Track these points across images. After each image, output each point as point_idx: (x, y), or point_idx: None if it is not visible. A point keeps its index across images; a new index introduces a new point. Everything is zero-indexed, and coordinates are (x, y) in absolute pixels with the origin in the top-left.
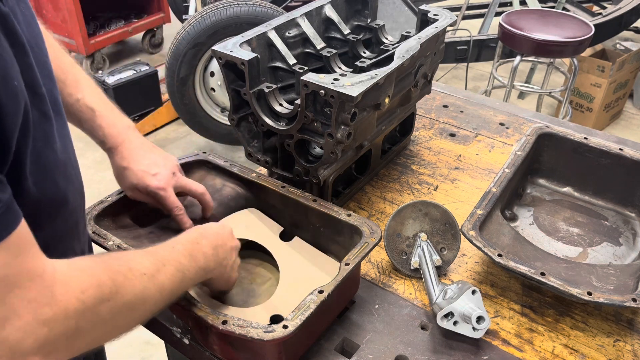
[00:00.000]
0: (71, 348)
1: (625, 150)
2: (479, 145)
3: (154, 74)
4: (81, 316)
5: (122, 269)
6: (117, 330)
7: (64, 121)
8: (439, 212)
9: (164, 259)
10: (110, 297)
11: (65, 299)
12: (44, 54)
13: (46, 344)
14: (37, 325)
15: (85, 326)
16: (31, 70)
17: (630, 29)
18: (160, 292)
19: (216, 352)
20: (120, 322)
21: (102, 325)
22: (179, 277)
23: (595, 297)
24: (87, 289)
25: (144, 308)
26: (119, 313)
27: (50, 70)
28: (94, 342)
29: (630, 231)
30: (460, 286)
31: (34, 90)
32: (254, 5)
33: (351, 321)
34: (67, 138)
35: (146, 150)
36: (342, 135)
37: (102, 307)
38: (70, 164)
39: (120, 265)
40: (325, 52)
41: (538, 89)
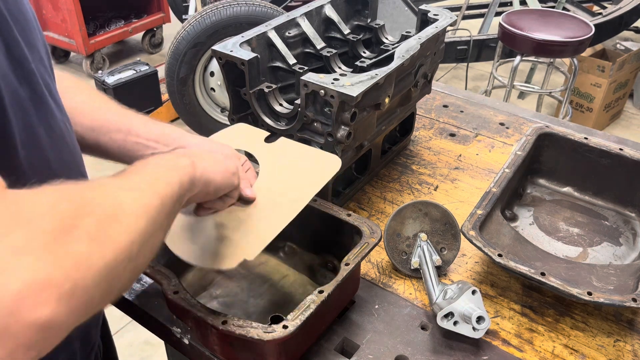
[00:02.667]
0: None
1: (625, 150)
2: (479, 145)
3: (154, 74)
4: (66, 235)
5: (90, 184)
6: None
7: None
8: (439, 212)
9: (123, 173)
10: (88, 209)
11: (36, 218)
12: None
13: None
14: (11, 255)
15: (80, 248)
16: (18, 46)
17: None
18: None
19: (216, 352)
20: (113, 238)
21: (98, 245)
22: (151, 188)
23: (595, 297)
24: (56, 203)
25: (128, 217)
26: (106, 225)
27: (43, 57)
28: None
29: (630, 231)
30: (460, 286)
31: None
32: (254, 5)
33: (351, 321)
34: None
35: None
36: (342, 135)
37: (85, 221)
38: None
39: (87, 182)
40: (325, 52)
41: (538, 89)
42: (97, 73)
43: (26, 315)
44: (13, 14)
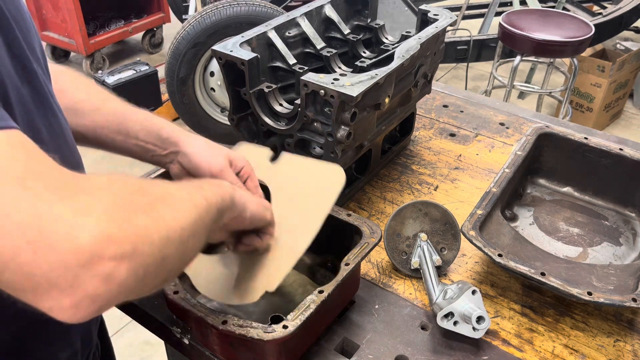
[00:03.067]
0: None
1: (625, 150)
2: (479, 145)
3: (154, 74)
4: (122, 205)
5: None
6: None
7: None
8: (439, 212)
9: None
10: (141, 191)
11: (94, 189)
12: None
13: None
14: (78, 213)
15: (134, 218)
16: (18, 45)
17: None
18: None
19: (216, 352)
20: (166, 216)
21: (154, 219)
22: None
23: (595, 297)
24: (113, 182)
25: (179, 205)
26: (158, 203)
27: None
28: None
29: (630, 231)
30: (460, 286)
31: (24, 65)
32: (254, 5)
33: (351, 321)
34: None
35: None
36: (342, 135)
37: (138, 196)
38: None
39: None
40: (325, 52)
41: (538, 89)
42: (97, 73)
43: (93, 266)
44: (12, 14)
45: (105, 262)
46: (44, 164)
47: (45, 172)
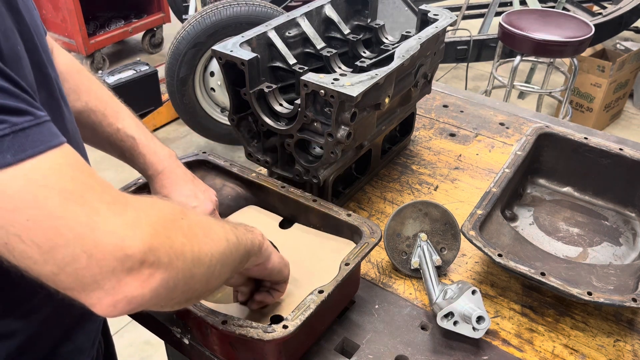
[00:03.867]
0: (172, 262)
1: (625, 150)
2: (479, 145)
3: (154, 74)
4: (165, 223)
5: (178, 204)
6: (205, 255)
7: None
8: (439, 212)
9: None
10: (182, 215)
11: (141, 206)
12: (46, 44)
13: (146, 248)
14: (127, 226)
15: (174, 235)
16: (37, 51)
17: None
18: (224, 228)
19: (216, 352)
20: (203, 243)
21: (189, 241)
22: (234, 240)
23: (595, 297)
24: (156, 202)
25: (214, 234)
26: (197, 229)
27: (52, 62)
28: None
29: (630, 231)
30: (460, 286)
31: (41, 70)
32: (254, 5)
33: (351, 321)
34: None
35: (187, 181)
36: (342, 135)
37: (180, 222)
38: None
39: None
40: (325, 52)
41: (538, 89)
42: (97, 73)
43: (135, 272)
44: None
45: (145, 269)
46: (96, 181)
47: (98, 189)
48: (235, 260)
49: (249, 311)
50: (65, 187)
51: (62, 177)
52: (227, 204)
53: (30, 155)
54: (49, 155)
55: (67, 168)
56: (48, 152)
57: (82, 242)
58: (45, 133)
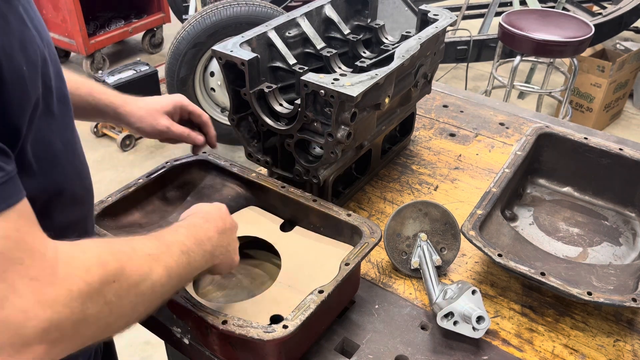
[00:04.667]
0: (77, 336)
1: (625, 150)
2: (479, 145)
3: (154, 74)
4: (86, 298)
5: (126, 249)
6: (125, 317)
7: (71, 117)
8: (439, 212)
9: (168, 241)
10: (115, 278)
11: (68, 279)
12: (55, 52)
13: (50, 329)
14: (39, 306)
15: (91, 310)
16: (46, 64)
17: (630, 29)
18: (168, 275)
19: (216, 352)
20: (127, 306)
21: (109, 310)
22: (185, 261)
23: (595, 297)
24: (90, 268)
25: (151, 291)
26: (126, 295)
27: (60, 68)
28: (100, 330)
29: (630, 231)
30: (460, 286)
31: (45, 83)
32: (254, 5)
33: (351, 321)
34: (73, 133)
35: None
36: (342, 135)
37: (108, 288)
38: (76, 159)
39: (124, 246)
40: (325, 52)
41: (538, 89)
42: (97, 73)
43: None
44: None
45: (43, 345)
46: (27, 252)
47: (26, 262)
48: (170, 296)
49: (249, 311)
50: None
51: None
52: (227, 204)
53: None
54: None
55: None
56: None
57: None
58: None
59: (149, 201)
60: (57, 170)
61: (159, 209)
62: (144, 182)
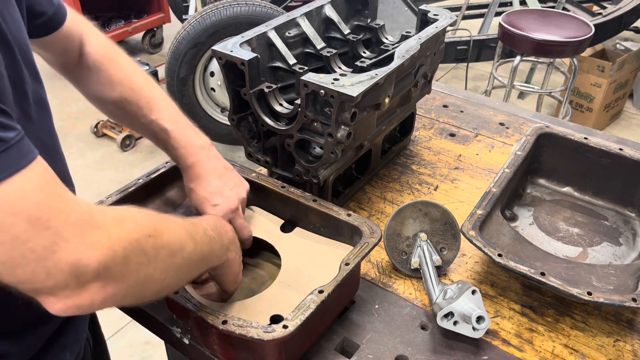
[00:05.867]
0: (125, 279)
1: (625, 150)
2: (479, 145)
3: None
4: (126, 244)
5: (158, 217)
6: (162, 273)
7: (49, 119)
8: (439, 212)
9: (193, 223)
10: (150, 233)
11: (105, 226)
12: (31, 54)
13: (100, 269)
14: (86, 247)
15: (132, 256)
16: (18, 67)
17: (630, 29)
18: (195, 247)
19: (216, 352)
20: (162, 264)
21: (148, 260)
22: (208, 245)
23: (595, 297)
24: (125, 220)
25: (182, 256)
26: (161, 250)
27: (36, 70)
28: (142, 281)
29: (630, 231)
30: (460, 286)
31: (18, 87)
32: (254, 5)
33: (351, 321)
34: (53, 138)
35: (216, 176)
36: (342, 135)
37: (145, 240)
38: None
39: (156, 215)
40: (325, 52)
41: (538, 89)
42: None
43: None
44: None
45: (97, 283)
46: (62, 201)
47: (65, 210)
48: (194, 273)
49: (249, 311)
50: (31, 214)
51: (29, 203)
52: None
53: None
54: (17, 179)
55: (34, 194)
56: (16, 175)
57: (43, 263)
58: (14, 156)
59: (149, 201)
60: None
61: (159, 209)
62: (144, 182)
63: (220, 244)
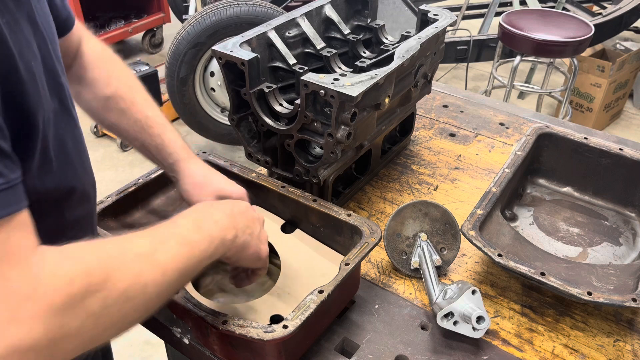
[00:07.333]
0: (57, 352)
1: (625, 150)
2: (479, 145)
3: (154, 74)
4: (67, 312)
5: (113, 252)
6: (114, 326)
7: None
8: (439, 212)
9: (162, 235)
10: (100, 287)
11: (50, 292)
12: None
13: (22, 348)
14: (13, 324)
15: (72, 324)
16: (51, 60)
17: (630, 29)
18: (163, 274)
19: (216, 352)
20: (116, 315)
21: (93, 322)
22: (186, 253)
23: (595, 297)
24: (74, 278)
25: (144, 294)
26: (113, 304)
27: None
28: (84, 344)
29: (630, 231)
30: (460, 286)
31: (54, 79)
32: (254, 5)
33: (351, 321)
34: (79, 131)
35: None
36: (342, 135)
37: (92, 299)
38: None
39: (112, 248)
40: (325, 52)
41: (538, 89)
42: None
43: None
44: (46, 29)
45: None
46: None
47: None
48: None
49: (249, 311)
50: None
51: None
52: None
53: None
54: None
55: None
56: None
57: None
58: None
59: (149, 201)
60: (69, 167)
61: (159, 209)
62: (144, 182)
63: (209, 239)
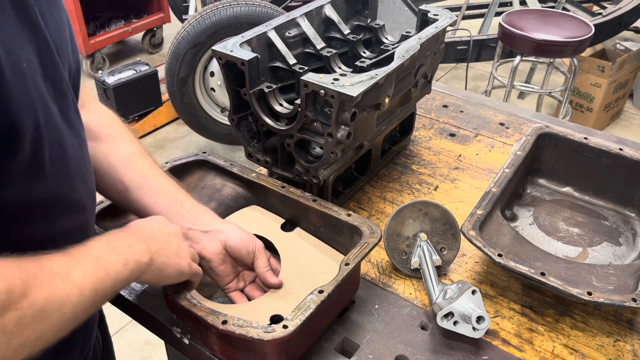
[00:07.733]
0: None
1: (625, 150)
2: (479, 145)
3: (154, 74)
4: None
5: (33, 269)
6: (28, 345)
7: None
8: (439, 212)
9: (77, 256)
10: (16, 305)
11: None
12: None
13: None
14: None
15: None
16: (57, 68)
17: (630, 29)
18: (80, 293)
19: (216, 352)
20: (31, 334)
21: (7, 340)
22: (102, 274)
23: (595, 297)
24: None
25: (61, 313)
26: (30, 323)
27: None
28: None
29: (630, 231)
30: (460, 286)
31: (55, 86)
32: (254, 5)
33: (351, 321)
34: (81, 139)
35: None
36: (342, 135)
37: (7, 318)
38: (82, 164)
39: (33, 264)
40: (325, 52)
41: (538, 89)
42: (97, 73)
43: None
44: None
45: None
46: None
47: None
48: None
49: (249, 311)
50: None
51: None
52: (227, 204)
53: None
54: None
55: None
56: None
57: None
58: None
59: None
60: (64, 174)
61: None
62: None
63: (124, 262)
